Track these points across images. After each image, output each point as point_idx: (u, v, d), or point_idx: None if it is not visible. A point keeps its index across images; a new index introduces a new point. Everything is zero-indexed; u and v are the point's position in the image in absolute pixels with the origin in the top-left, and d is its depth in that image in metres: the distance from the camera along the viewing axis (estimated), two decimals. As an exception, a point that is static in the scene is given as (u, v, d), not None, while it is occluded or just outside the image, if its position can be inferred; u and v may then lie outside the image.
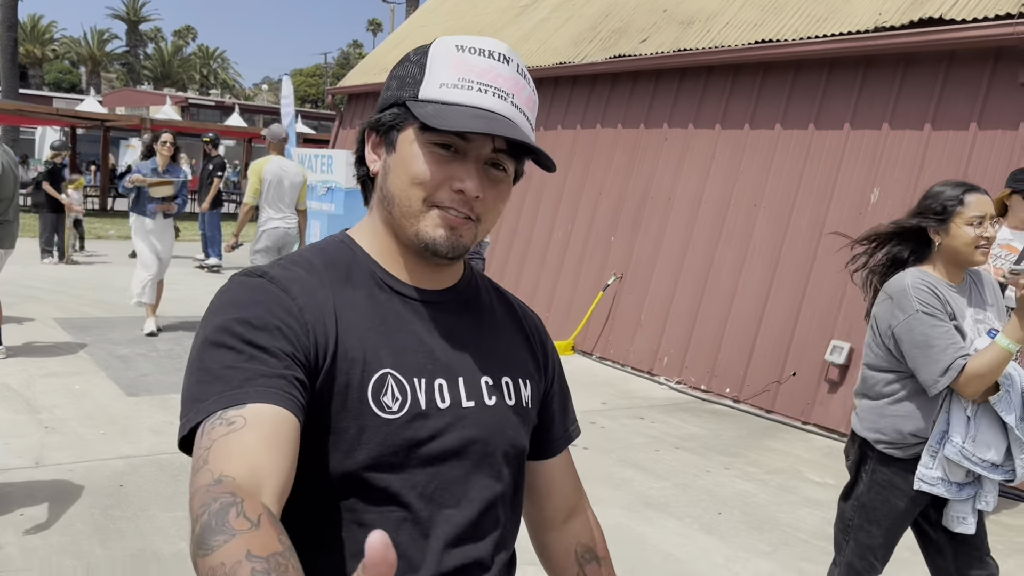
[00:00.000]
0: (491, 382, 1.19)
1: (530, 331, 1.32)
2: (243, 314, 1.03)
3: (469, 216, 1.12)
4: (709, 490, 4.91)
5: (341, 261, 1.17)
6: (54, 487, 4.24)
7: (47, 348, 7.07)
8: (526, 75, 1.16)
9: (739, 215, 7.28)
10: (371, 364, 1.09)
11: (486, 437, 1.17)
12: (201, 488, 0.87)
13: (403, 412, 1.09)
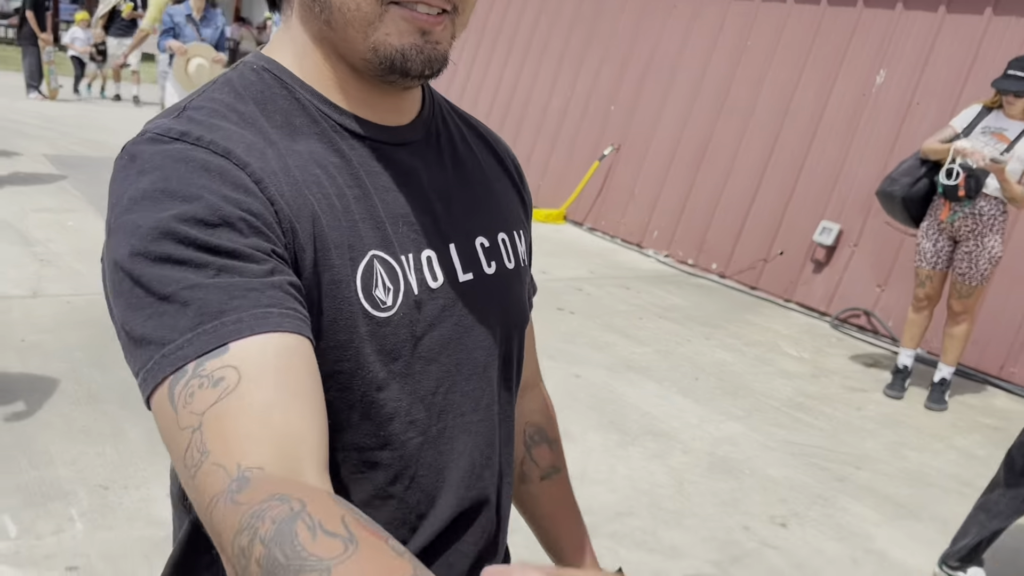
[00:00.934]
0: (487, 244, 0.94)
1: (508, 162, 1.05)
2: (183, 207, 0.70)
3: (442, 8, 0.79)
4: (689, 357, 5.07)
5: (272, 101, 0.82)
6: (53, 317, 4.33)
7: (38, 184, 7.03)
8: None
9: (742, 90, 7.19)
10: (354, 247, 0.80)
11: (493, 317, 0.93)
12: (221, 501, 0.61)
13: (397, 304, 0.82)
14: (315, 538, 0.54)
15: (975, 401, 4.98)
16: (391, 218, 0.84)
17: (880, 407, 4.68)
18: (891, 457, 4.06)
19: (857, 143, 6.35)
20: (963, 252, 4.59)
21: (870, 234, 6.17)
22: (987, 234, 4.52)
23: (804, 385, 4.87)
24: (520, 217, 1.03)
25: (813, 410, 4.51)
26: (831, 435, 4.22)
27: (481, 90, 9.70)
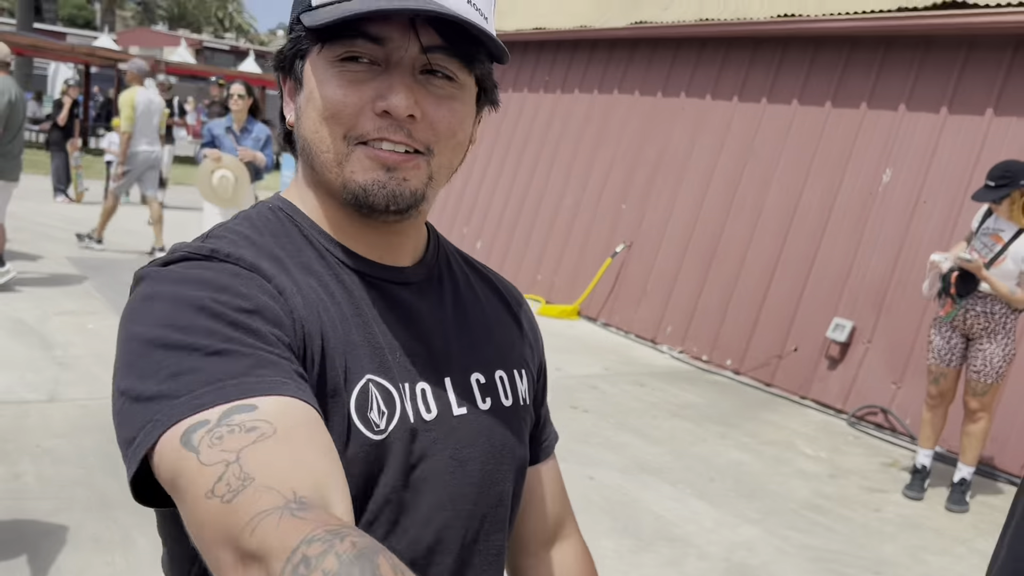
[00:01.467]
0: (483, 380, 0.95)
1: (515, 306, 1.08)
2: (217, 293, 0.75)
3: (412, 148, 0.83)
4: (704, 457, 5.03)
5: (286, 235, 0.88)
6: (69, 421, 4.37)
7: (60, 286, 7.17)
8: None
9: (751, 189, 7.31)
10: (352, 369, 0.83)
11: (487, 453, 0.93)
12: (276, 515, 0.61)
13: (391, 429, 0.84)
14: (392, 569, 0.57)
15: (997, 501, 4.88)
16: (389, 347, 0.87)
17: (899, 508, 4.60)
18: (911, 562, 3.97)
19: (866, 240, 6.41)
20: (976, 349, 4.59)
21: (883, 331, 6.16)
22: (999, 331, 4.52)
23: (821, 486, 4.81)
24: (523, 358, 1.04)
25: (831, 512, 4.44)
26: (849, 539, 4.14)
27: (496, 190, 9.90)
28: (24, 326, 5.88)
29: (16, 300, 6.50)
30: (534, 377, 1.06)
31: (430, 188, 0.87)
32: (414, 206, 0.86)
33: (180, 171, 12.77)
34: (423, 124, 0.83)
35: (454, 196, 10.52)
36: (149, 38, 37.59)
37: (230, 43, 42.59)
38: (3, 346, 5.41)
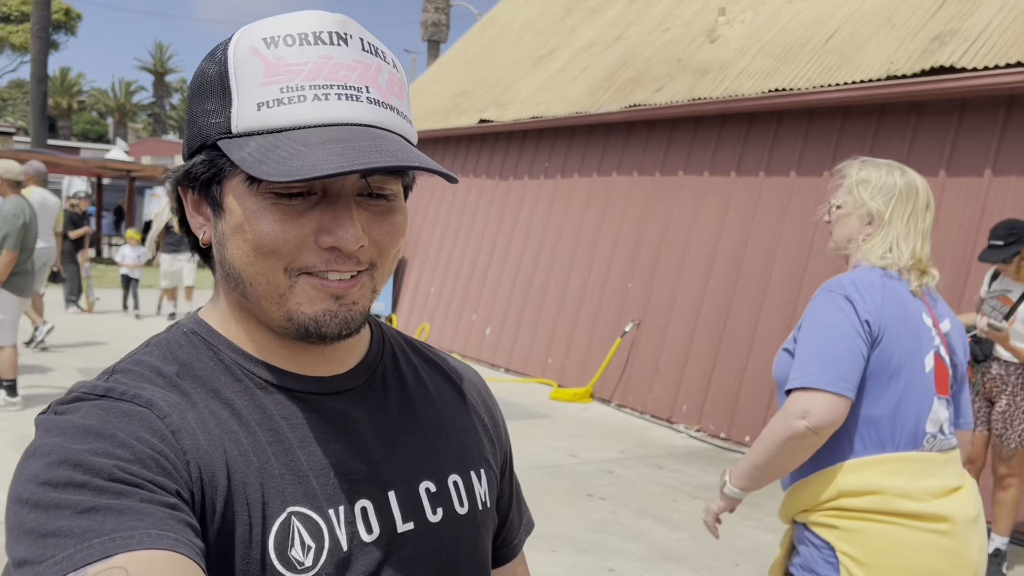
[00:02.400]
0: (433, 488, 0.89)
1: (472, 398, 1.01)
2: (97, 443, 0.71)
3: (357, 270, 0.81)
4: (727, 541, 4.87)
5: (199, 362, 0.84)
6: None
7: (69, 397, 7.15)
8: (377, 49, 0.81)
9: (756, 262, 7.29)
10: (270, 504, 0.78)
11: (437, 569, 0.88)
12: None
13: (319, 564, 0.79)
14: None
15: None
16: (318, 470, 0.82)
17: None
18: (952, 642, 3.78)
19: (876, 307, 6.34)
20: (997, 412, 4.48)
21: (902, 398, 6.04)
22: (1019, 394, 4.41)
23: (851, 564, 4.62)
24: (483, 456, 0.98)
25: (863, 592, 4.26)
26: (884, 621, 3.95)
27: (502, 276, 9.92)
28: (30, 441, 5.82)
29: (26, 415, 6.46)
30: (496, 474, 1.00)
31: (373, 299, 0.84)
32: (363, 324, 0.84)
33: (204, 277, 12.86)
34: (368, 246, 0.81)
35: (461, 284, 10.56)
36: (160, 148, 38.56)
37: (239, 148, 43.50)
38: (11, 463, 5.36)
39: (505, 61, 12.25)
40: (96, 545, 0.64)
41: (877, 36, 6.94)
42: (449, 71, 13.87)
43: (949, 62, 6.10)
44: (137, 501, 0.68)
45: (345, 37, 0.79)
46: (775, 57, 7.68)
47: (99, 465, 0.69)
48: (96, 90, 58.53)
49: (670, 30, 9.52)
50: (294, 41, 0.78)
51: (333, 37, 0.78)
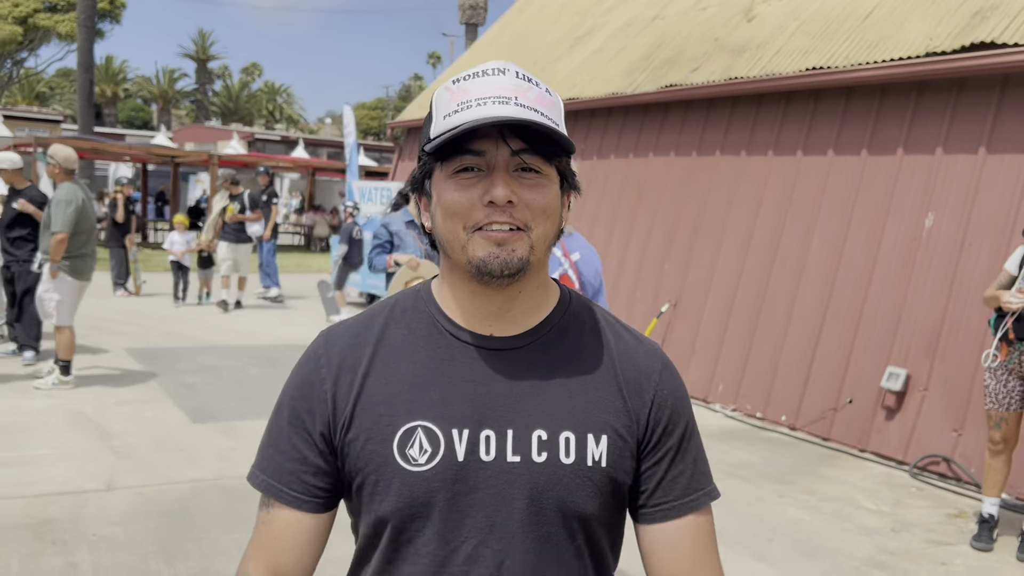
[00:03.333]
0: (545, 436, 1.12)
1: (625, 378, 1.19)
2: (285, 396, 1.21)
3: (515, 227, 1.09)
4: (761, 517, 4.91)
5: (410, 307, 1.20)
6: (124, 509, 4.45)
7: (119, 377, 7.38)
8: (530, 79, 1.12)
9: (792, 242, 7.27)
10: (399, 416, 1.12)
11: (530, 495, 1.11)
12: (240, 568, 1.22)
13: (432, 464, 1.10)
14: None
15: (1074, 550, 4.67)
16: (456, 400, 1.12)
17: (968, 561, 4.42)
18: (984, 617, 3.80)
19: (914, 287, 6.31)
20: None
21: (939, 378, 6.01)
22: None
23: (885, 541, 4.65)
24: (609, 424, 1.15)
25: (896, 568, 4.29)
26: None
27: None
28: (84, 418, 6.04)
29: (77, 394, 6.69)
30: (626, 443, 1.16)
31: (533, 255, 1.11)
32: (522, 270, 1.10)
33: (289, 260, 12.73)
34: (520, 207, 1.09)
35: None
36: (203, 134, 39.09)
37: (280, 134, 44.01)
38: (64, 439, 5.57)
39: (542, 43, 12.25)
40: (268, 483, 1.23)
41: (916, 12, 6.86)
42: (486, 54, 13.90)
43: (990, 38, 6.02)
44: (285, 451, 1.22)
45: (504, 70, 1.11)
46: (813, 35, 7.61)
47: (281, 411, 1.25)
48: (140, 77, 59.41)
49: (707, 9, 9.46)
50: (470, 77, 1.11)
51: (494, 71, 1.10)
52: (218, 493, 4.76)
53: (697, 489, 1.20)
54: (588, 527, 1.14)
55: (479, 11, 30.60)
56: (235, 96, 62.43)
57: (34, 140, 18.39)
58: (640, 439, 1.17)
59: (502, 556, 1.11)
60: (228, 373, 7.77)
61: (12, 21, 30.43)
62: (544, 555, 1.12)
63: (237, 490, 4.79)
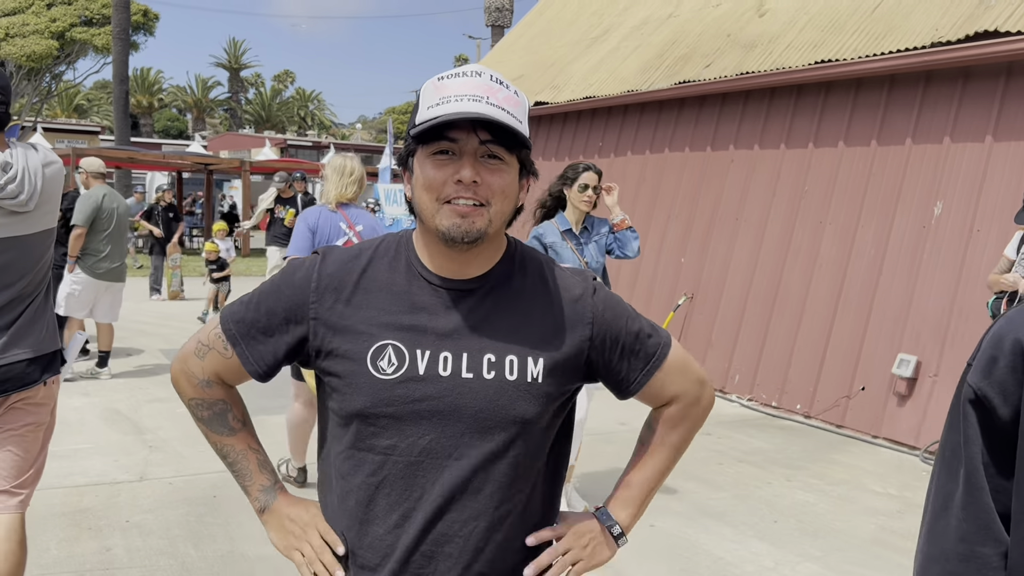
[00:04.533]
0: (493, 359, 1.39)
1: (562, 308, 1.46)
2: (279, 284, 1.47)
3: (477, 202, 1.33)
4: (768, 500, 5.04)
5: (392, 249, 1.46)
6: (156, 498, 4.70)
7: (153, 376, 7.67)
8: (502, 81, 1.36)
9: (805, 232, 7.37)
10: (375, 335, 1.38)
11: (480, 406, 1.37)
12: (190, 344, 1.55)
13: (397, 374, 1.37)
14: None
15: None
16: (421, 327, 1.39)
17: (969, 540, 4.51)
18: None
19: (924, 274, 6.39)
20: None
21: (949, 363, 6.09)
22: None
23: (889, 522, 4.76)
24: (547, 348, 1.42)
25: (898, 547, 4.40)
26: (914, 571, 4.09)
27: (559, 255, 10.13)
28: (119, 415, 6.32)
29: (113, 391, 6.99)
30: (564, 359, 1.43)
31: (491, 227, 1.36)
32: (479, 238, 1.35)
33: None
34: (484, 187, 1.34)
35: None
36: (236, 141, 39.72)
37: (312, 139, 44.53)
38: (100, 434, 5.85)
39: (560, 43, 12.41)
40: (234, 332, 1.52)
41: (922, 3, 6.93)
42: (507, 56, 14.09)
43: (994, 26, 6.08)
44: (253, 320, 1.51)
45: (480, 72, 1.35)
46: (822, 28, 7.70)
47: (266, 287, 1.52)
48: (175, 87, 60.40)
49: (720, 5, 9.57)
50: (451, 76, 1.35)
51: (472, 72, 1.34)
52: (244, 482, 4.98)
53: (654, 352, 1.51)
54: (526, 431, 1.40)
55: (505, 13, 30.78)
56: (268, 104, 63.25)
57: (72, 151, 18.91)
58: (589, 354, 1.45)
59: (451, 449, 1.36)
60: (257, 372, 8.02)
61: (49, 36, 31.19)
62: (486, 451, 1.37)
63: (262, 479, 5.00)
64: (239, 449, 1.57)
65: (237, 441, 1.56)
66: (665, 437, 1.57)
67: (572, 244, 4.54)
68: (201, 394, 1.54)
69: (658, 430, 1.58)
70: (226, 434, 1.56)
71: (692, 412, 1.57)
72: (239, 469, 1.56)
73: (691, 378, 1.56)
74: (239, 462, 1.56)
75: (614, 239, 4.72)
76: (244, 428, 1.58)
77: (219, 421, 1.56)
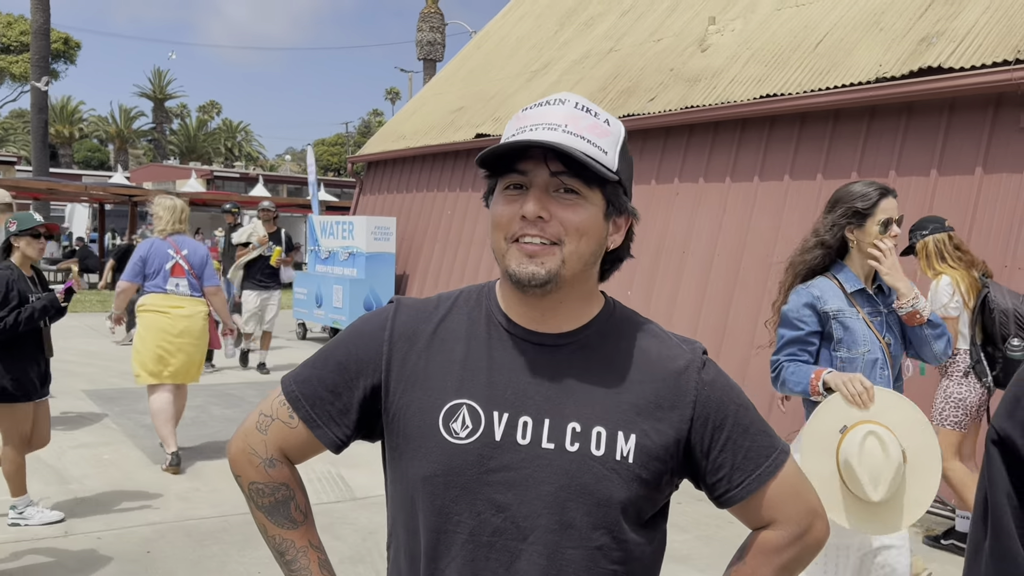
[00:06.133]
0: (578, 428, 1.20)
1: (663, 385, 1.26)
2: (346, 338, 1.33)
3: (546, 241, 1.18)
4: (733, 541, 4.90)
5: (473, 298, 1.32)
6: (83, 556, 4.33)
7: (77, 420, 7.21)
8: (590, 109, 1.22)
9: (753, 266, 7.35)
10: (448, 393, 1.23)
11: (560, 481, 1.19)
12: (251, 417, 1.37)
13: (472, 439, 1.21)
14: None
15: None
16: (500, 386, 1.22)
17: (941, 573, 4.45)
18: (955, 633, 3.82)
19: (873, 307, 6.40)
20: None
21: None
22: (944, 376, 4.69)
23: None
24: (639, 426, 1.23)
25: (866, 588, 4.29)
26: (888, 614, 3.99)
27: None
28: (40, 462, 5.88)
29: (32, 437, 6.51)
30: (657, 444, 1.23)
31: (564, 269, 1.20)
32: (550, 282, 1.20)
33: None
34: (554, 223, 1.19)
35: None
36: (161, 173, 38.73)
37: (240, 171, 43.77)
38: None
39: (500, 76, 12.36)
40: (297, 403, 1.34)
41: (865, 40, 7.03)
42: (445, 88, 13.98)
43: (937, 63, 6.18)
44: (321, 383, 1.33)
45: (564, 100, 1.21)
46: (766, 63, 7.76)
47: (331, 349, 1.36)
48: (96, 117, 58.84)
49: (662, 40, 9.62)
50: (533, 106, 1.22)
51: (555, 100, 1.22)
52: (181, 535, 4.65)
53: (767, 456, 1.28)
54: (611, 517, 1.20)
55: (436, 47, 30.83)
56: (193, 135, 62.07)
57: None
58: (689, 438, 1.25)
59: (527, 532, 1.19)
60: (188, 412, 7.62)
61: (-37, 63, 30.05)
62: (566, 536, 1.19)
63: (201, 531, 4.68)
64: (300, 546, 1.36)
65: (298, 536, 1.36)
66: (757, 572, 1.31)
67: (865, 312, 3.03)
68: (264, 477, 1.34)
69: (750, 561, 1.33)
70: (287, 527, 1.35)
71: (796, 548, 1.31)
72: (296, 568, 1.35)
73: (803, 505, 1.31)
74: (298, 560, 1.35)
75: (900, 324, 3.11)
76: (306, 521, 1.37)
77: (281, 511, 1.35)
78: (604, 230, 1.24)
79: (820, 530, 1.32)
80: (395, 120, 15.36)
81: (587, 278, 1.26)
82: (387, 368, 1.27)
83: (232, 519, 4.89)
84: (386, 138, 14.27)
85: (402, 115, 15.09)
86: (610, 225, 1.25)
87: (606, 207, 1.23)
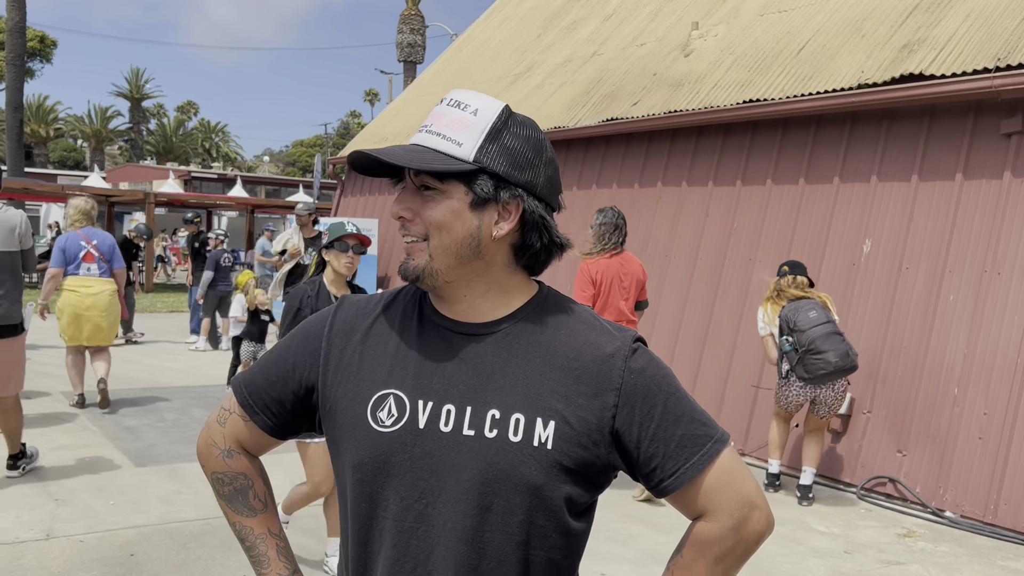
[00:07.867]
0: (498, 416, 1.22)
1: (584, 374, 1.24)
2: (291, 339, 1.40)
3: (416, 238, 1.25)
4: (716, 543, 4.92)
5: (410, 294, 1.36)
6: (65, 559, 4.28)
7: (57, 422, 7.13)
8: (460, 102, 1.25)
9: (735, 269, 7.40)
10: (377, 383, 1.28)
11: (478, 467, 1.20)
12: (214, 412, 1.46)
13: (396, 427, 1.24)
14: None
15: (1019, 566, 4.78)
16: (426, 375, 1.26)
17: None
18: (938, 634, 3.86)
19: (854, 311, 6.46)
20: None
21: (881, 400, 6.14)
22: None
23: (838, 563, 4.71)
24: (559, 412, 1.23)
25: (850, 589, 4.33)
26: (871, 615, 4.03)
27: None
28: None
29: (11, 440, 6.43)
30: (575, 430, 1.22)
31: (433, 263, 1.24)
32: (420, 276, 1.26)
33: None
34: (417, 221, 1.24)
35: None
36: (138, 173, 38.38)
37: (218, 172, 43.48)
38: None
39: (482, 79, 12.36)
40: (246, 394, 1.41)
41: (848, 46, 7.10)
42: (427, 90, 13.97)
43: (918, 69, 6.25)
44: (268, 375, 1.42)
45: (449, 99, 1.26)
46: (749, 69, 7.82)
47: (281, 345, 1.44)
48: (72, 117, 58.20)
49: (645, 45, 9.67)
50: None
51: (443, 99, 1.27)
52: (164, 538, 4.61)
53: (702, 445, 1.25)
54: (529, 503, 1.21)
55: (417, 49, 30.80)
56: (170, 135, 61.58)
57: (-39, 181, 17.85)
58: (614, 425, 1.23)
59: (447, 517, 1.21)
60: (170, 415, 7.58)
61: (-63, 60, 29.65)
62: (485, 521, 1.21)
63: (184, 534, 4.64)
64: (258, 533, 1.43)
65: (257, 524, 1.43)
66: (692, 565, 1.28)
67: None
68: (223, 466, 1.42)
69: (686, 554, 1.29)
70: (246, 514, 1.43)
71: (731, 539, 1.27)
72: (256, 554, 1.42)
73: (739, 495, 1.26)
74: (257, 546, 1.42)
75: None
76: (265, 510, 1.44)
77: (240, 499, 1.43)
78: (473, 221, 1.23)
79: (758, 522, 1.27)
80: (377, 121, 15.33)
81: (485, 269, 1.26)
82: (324, 362, 1.33)
83: (215, 521, 4.85)
84: (368, 140, 14.24)
85: (384, 116, 15.06)
86: (486, 214, 1.24)
87: (473, 197, 1.23)
